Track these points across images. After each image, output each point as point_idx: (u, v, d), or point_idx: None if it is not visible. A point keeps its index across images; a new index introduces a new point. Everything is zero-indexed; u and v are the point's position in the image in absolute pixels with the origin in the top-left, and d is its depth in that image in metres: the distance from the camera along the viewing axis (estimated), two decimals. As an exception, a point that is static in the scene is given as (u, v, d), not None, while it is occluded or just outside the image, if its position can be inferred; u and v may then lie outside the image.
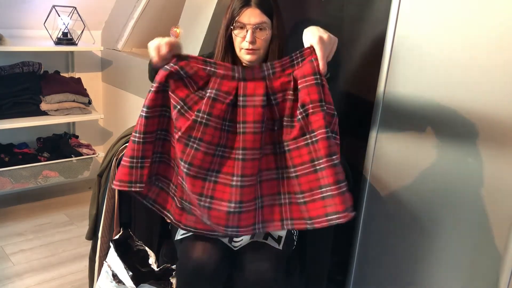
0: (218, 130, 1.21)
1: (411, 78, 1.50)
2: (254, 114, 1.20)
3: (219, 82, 1.21)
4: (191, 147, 1.21)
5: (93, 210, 1.67)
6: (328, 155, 1.16)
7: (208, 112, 1.20)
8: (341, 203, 1.16)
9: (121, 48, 2.81)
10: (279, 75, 1.21)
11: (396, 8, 1.50)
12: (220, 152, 1.23)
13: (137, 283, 1.48)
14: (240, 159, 1.20)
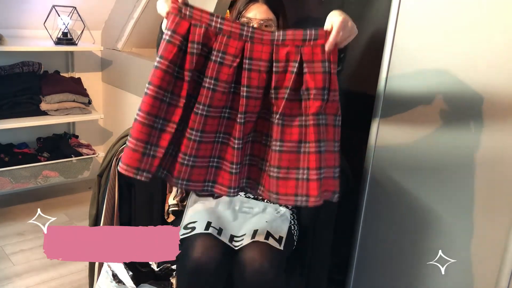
0: (225, 94, 1.19)
1: (411, 76, 1.50)
2: (259, 80, 1.18)
3: (226, 41, 1.17)
4: (200, 115, 1.18)
5: (93, 210, 1.67)
6: (316, 141, 1.18)
7: (215, 77, 1.17)
8: (316, 188, 1.19)
9: (121, 48, 2.81)
10: (287, 44, 1.17)
11: (397, 8, 1.50)
12: (227, 114, 1.22)
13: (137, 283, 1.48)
14: (243, 123, 1.20)
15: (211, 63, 1.17)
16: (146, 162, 1.19)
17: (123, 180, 1.61)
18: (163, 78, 1.16)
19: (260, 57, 1.18)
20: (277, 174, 1.22)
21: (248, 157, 1.27)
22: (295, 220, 1.56)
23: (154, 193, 1.63)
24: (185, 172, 1.22)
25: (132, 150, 1.19)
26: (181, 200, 1.64)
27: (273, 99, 1.20)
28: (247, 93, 1.18)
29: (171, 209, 1.61)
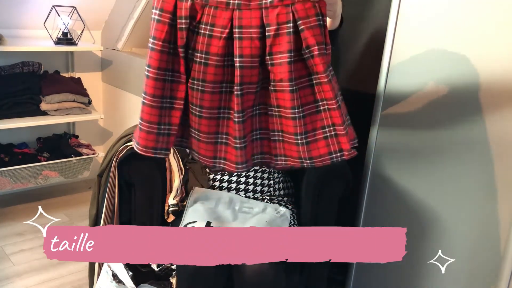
0: (219, 68, 1.16)
1: (411, 76, 1.50)
2: (251, 48, 1.14)
3: (213, 13, 1.13)
4: (196, 89, 1.17)
5: (93, 210, 1.67)
6: (334, 97, 1.16)
7: (206, 51, 1.14)
8: (347, 141, 1.18)
9: (121, 48, 2.81)
10: (276, 4, 1.12)
11: (396, 8, 1.50)
12: (228, 89, 1.19)
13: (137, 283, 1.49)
14: (240, 94, 1.16)
15: (200, 37, 1.14)
16: (163, 141, 1.20)
17: (123, 180, 1.61)
18: (160, 58, 1.14)
19: (250, 24, 1.13)
20: (305, 140, 1.19)
21: (258, 131, 1.24)
22: (295, 220, 1.56)
23: (154, 193, 1.63)
24: (195, 144, 1.23)
25: (146, 132, 1.18)
26: (181, 200, 1.64)
27: (269, 65, 1.16)
28: (241, 63, 1.14)
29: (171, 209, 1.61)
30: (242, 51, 1.14)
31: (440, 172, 1.46)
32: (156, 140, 1.19)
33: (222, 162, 1.25)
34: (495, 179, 1.34)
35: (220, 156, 1.25)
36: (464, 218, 1.42)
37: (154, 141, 1.19)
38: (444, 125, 1.44)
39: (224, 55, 1.15)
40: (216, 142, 1.23)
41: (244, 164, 1.23)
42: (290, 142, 1.20)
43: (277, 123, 1.21)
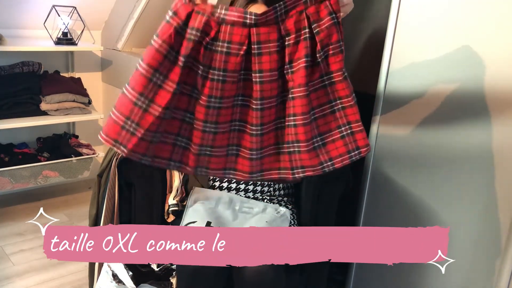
0: (235, 83, 1.16)
1: (411, 76, 1.50)
2: (271, 62, 1.16)
3: (229, 30, 1.13)
4: (213, 107, 1.16)
5: (93, 210, 1.67)
6: (349, 95, 1.18)
7: (223, 68, 1.14)
8: (363, 138, 1.20)
9: (121, 48, 2.81)
10: (291, 14, 1.14)
11: (397, 8, 1.50)
12: (240, 102, 1.20)
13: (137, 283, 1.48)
14: (260, 109, 1.17)
15: (218, 55, 1.14)
16: (124, 137, 1.16)
17: (123, 180, 1.61)
18: (153, 57, 1.13)
19: (268, 38, 1.14)
20: (322, 142, 1.20)
21: (274, 146, 1.24)
22: (295, 220, 1.56)
23: (154, 193, 1.63)
24: (203, 160, 1.21)
25: (113, 122, 1.16)
26: (181, 200, 1.64)
27: (289, 74, 1.17)
28: (260, 78, 1.15)
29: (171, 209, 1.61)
30: (262, 66, 1.15)
31: (440, 172, 1.46)
32: (119, 133, 1.16)
33: (232, 172, 1.25)
34: (495, 179, 1.34)
35: (229, 167, 1.25)
36: (464, 218, 1.42)
37: (116, 133, 1.16)
38: (444, 125, 1.44)
39: (240, 71, 1.16)
40: (227, 154, 1.23)
41: (258, 173, 1.23)
42: (308, 150, 1.20)
43: (292, 133, 1.21)
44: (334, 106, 1.20)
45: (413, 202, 1.55)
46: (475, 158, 1.38)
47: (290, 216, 1.55)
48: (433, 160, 1.48)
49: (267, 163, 1.24)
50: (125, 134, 1.16)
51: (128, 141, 1.16)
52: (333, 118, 1.21)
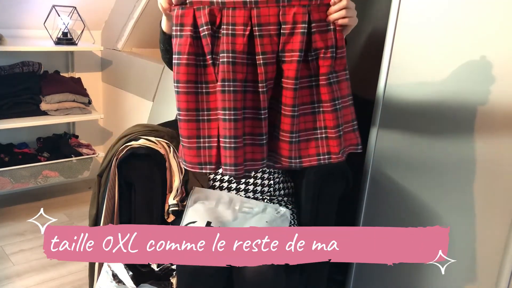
0: (244, 66, 1.17)
1: (411, 76, 1.50)
2: (271, 44, 1.16)
3: (232, 13, 1.15)
4: (228, 91, 1.15)
5: (93, 210, 1.67)
6: (331, 100, 1.18)
7: (232, 50, 1.14)
8: (336, 145, 1.21)
9: (121, 48, 2.81)
10: (293, 4, 1.14)
11: (397, 7, 1.50)
12: (245, 88, 1.19)
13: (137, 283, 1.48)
14: (266, 91, 1.17)
15: (224, 38, 1.15)
16: (204, 155, 1.20)
17: (123, 180, 1.61)
18: (188, 72, 1.16)
19: (269, 21, 1.15)
20: (297, 139, 1.21)
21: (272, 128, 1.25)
22: (295, 220, 1.56)
23: (154, 193, 1.63)
24: (231, 156, 1.18)
25: (188, 148, 1.20)
26: (181, 200, 1.64)
27: (281, 62, 1.17)
28: (264, 60, 1.16)
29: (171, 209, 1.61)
30: (264, 48, 1.16)
31: (440, 172, 1.46)
32: (198, 154, 1.20)
33: (249, 164, 1.23)
34: (495, 179, 1.34)
35: (247, 159, 1.23)
36: (464, 218, 1.42)
37: (196, 156, 1.20)
38: (444, 125, 1.44)
39: (247, 53, 1.16)
40: (243, 145, 1.21)
41: (265, 160, 1.23)
42: (284, 140, 1.21)
43: (277, 119, 1.22)
44: (315, 108, 1.21)
45: (413, 202, 1.54)
46: (475, 158, 1.38)
47: (290, 216, 1.55)
48: (433, 160, 1.48)
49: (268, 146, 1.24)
50: (204, 152, 1.20)
51: (210, 157, 1.19)
52: (312, 119, 1.22)
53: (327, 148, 1.22)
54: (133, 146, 1.58)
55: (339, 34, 1.17)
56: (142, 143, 1.58)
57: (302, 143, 1.22)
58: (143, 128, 1.72)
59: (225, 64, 1.15)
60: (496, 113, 1.32)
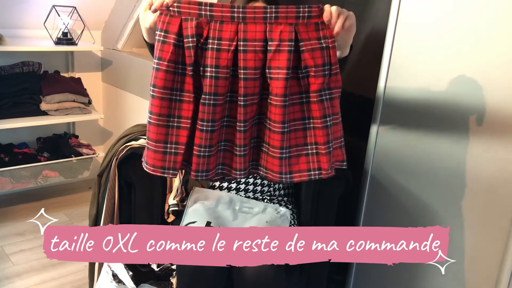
0: (227, 80, 1.18)
1: (411, 76, 1.50)
2: (255, 60, 1.16)
3: (219, 27, 1.15)
4: (208, 104, 1.17)
5: (93, 210, 1.67)
6: (322, 117, 1.19)
7: (215, 64, 1.16)
8: (326, 161, 1.22)
9: (121, 48, 2.81)
10: (281, 22, 1.15)
11: (396, 7, 1.50)
12: (229, 98, 1.21)
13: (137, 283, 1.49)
14: (243, 105, 1.18)
15: (209, 52, 1.16)
16: (170, 160, 1.21)
17: (123, 180, 1.62)
18: (165, 78, 1.16)
19: (254, 37, 1.15)
20: (288, 154, 1.22)
21: (255, 140, 1.26)
22: (295, 220, 1.56)
23: (154, 193, 1.63)
24: (203, 163, 1.21)
25: (153, 152, 1.20)
26: (181, 200, 1.64)
27: (268, 79, 1.18)
28: (245, 75, 1.16)
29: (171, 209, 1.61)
30: (247, 64, 1.16)
31: (440, 172, 1.46)
32: (163, 159, 1.21)
33: (221, 168, 1.26)
34: (495, 179, 1.34)
35: (219, 163, 1.26)
36: (464, 219, 1.42)
37: (161, 160, 1.21)
38: (445, 125, 1.44)
39: (231, 67, 1.17)
40: (218, 150, 1.24)
41: (243, 171, 1.25)
42: (274, 156, 1.22)
43: (267, 135, 1.23)
44: (306, 124, 1.22)
45: (413, 202, 1.55)
46: (476, 157, 1.38)
47: (290, 216, 1.55)
48: (433, 160, 1.48)
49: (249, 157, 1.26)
50: (169, 157, 1.21)
51: (175, 163, 1.21)
52: (303, 135, 1.23)
53: (317, 163, 1.23)
54: (133, 146, 1.58)
55: (332, 51, 1.16)
56: (142, 143, 1.58)
57: (292, 159, 1.23)
58: (143, 128, 1.72)
59: (207, 78, 1.16)
60: (496, 113, 1.32)
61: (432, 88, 1.45)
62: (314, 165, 1.23)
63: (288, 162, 1.23)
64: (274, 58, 1.16)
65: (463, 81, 1.37)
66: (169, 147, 1.20)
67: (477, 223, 1.39)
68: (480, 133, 1.36)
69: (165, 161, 1.21)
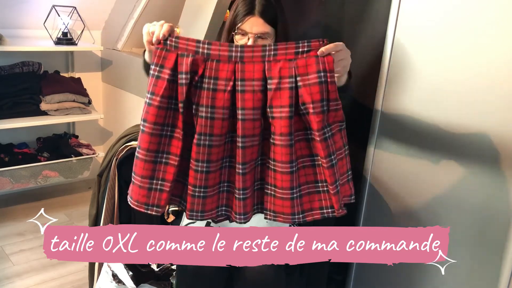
0: (226, 120, 1.15)
1: (411, 79, 1.50)
2: (254, 100, 1.13)
3: (215, 66, 1.13)
4: (203, 145, 1.14)
5: (93, 210, 1.67)
6: (327, 156, 1.15)
7: (211, 105, 1.13)
8: (336, 201, 1.18)
9: (121, 48, 2.81)
10: (279, 59, 1.12)
11: (396, 8, 1.50)
12: (230, 138, 1.18)
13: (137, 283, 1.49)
14: (242, 147, 1.14)
15: (204, 91, 1.13)
16: (154, 197, 1.17)
17: (123, 180, 1.61)
18: (157, 114, 1.13)
19: (253, 77, 1.13)
20: (299, 193, 1.18)
21: (259, 182, 1.22)
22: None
23: (154, 193, 1.63)
24: (198, 203, 1.18)
25: (139, 187, 1.17)
26: (181, 200, 1.63)
27: (270, 118, 1.14)
28: (243, 116, 1.13)
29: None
30: (244, 104, 1.13)
31: (440, 172, 1.46)
32: (148, 195, 1.17)
33: (224, 209, 1.23)
34: (495, 179, 1.34)
35: (222, 204, 1.22)
36: (464, 219, 1.42)
37: (145, 197, 1.17)
38: (445, 126, 1.44)
39: (230, 108, 1.14)
40: (219, 191, 1.21)
41: (243, 215, 1.20)
42: (284, 198, 1.18)
43: (272, 176, 1.19)
44: (315, 160, 1.18)
45: (413, 202, 1.54)
46: (475, 158, 1.38)
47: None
48: (433, 160, 1.48)
49: (251, 201, 1.22)
50: (154, 194, 1.17)
51: (159, 200, 1.17)
52: (313, 172, 1.19)
53: (329, 201, 1.19)
54: (133, 146, 1.58)
55: (331, 86, 1.12)
56: (142, 143, 1.58)
57: (304, 197, 1.19)
58: (143, 128, 1.72)
59: (203, 119, 1.13)
60: (496, 114, 1.32)
61: (432, 90, 1.45)
62: (326, 202, 1.19)
63: (300, 202, 1.19)
64: (275, 97, 1.12)
65: (464, 80, 1.38)
66: (155, 183, 1.17)
67: (477, 223, 1.39)
68: (480, 134, 1.36)
69: (150, 198, 1.17)
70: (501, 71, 1.29)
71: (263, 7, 1.37)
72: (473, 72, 1.35)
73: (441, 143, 1.45)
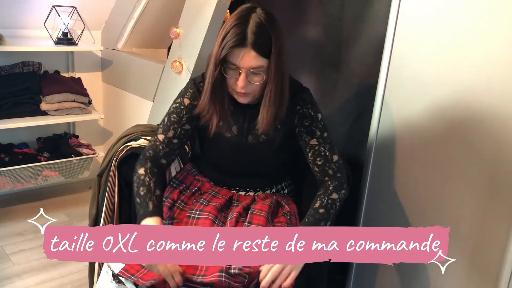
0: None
1: (411, 76, 1.50)
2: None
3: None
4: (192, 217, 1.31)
5: (93, 210, 1.67)
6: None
7: (208, 200, 1.33)
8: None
9: (121, 48, 2.81)
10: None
11: (396, 8, 1.50)
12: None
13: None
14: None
15: (206, 195, 1.27)
16: (141, 272, 1.24)
17: (123, 180, 1.61)
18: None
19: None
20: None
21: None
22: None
23: (154, 193, 1.63)
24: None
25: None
26: (181, 200, 1.63)
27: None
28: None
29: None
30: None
31: (440, 172, 1.46)
32: (139, 270, 1.23)
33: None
34: (495, 179, 1.34)
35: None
36: (464, 218, 1.42)
37: (136, 271, 1.23)
38: (445, 125, 1.44)
39: (221, 210, 1.37)
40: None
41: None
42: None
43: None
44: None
45: (413, 202, 1.54)
46: (476, 158, 1.38)
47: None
48: (433, 160, 1.48)
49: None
50: (143, 271, 1.24)
51: (144, 274, 1.22)
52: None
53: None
54: (133, 146, 1.58)
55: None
56: (142, 143, 1.58)
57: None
58: (143, 128, 1.72)
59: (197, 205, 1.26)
60: (497, 112, 1.32)
61: (433, 88, 1.45)
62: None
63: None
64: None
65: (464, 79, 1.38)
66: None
67: (477, 222, 1.39)
68: (481, 133, 1.36)
69: (139, 272, 1.23)
70: (501, 68, 1.29)
71: (256, 37, 1.20)
72: (473, 72, 1.35)
73: (441, 143, 1.45)
